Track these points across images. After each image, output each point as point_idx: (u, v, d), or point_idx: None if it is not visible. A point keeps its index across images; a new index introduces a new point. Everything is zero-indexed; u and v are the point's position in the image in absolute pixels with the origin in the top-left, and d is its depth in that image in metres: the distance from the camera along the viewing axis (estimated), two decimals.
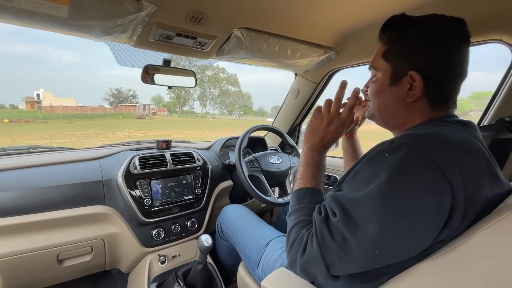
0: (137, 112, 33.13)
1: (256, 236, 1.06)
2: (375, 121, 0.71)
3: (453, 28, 0.56)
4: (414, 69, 0.56)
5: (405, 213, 0.45)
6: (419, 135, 0.52)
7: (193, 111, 50.32)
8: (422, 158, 0.46)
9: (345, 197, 0.52)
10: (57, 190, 0.96)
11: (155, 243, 1.15)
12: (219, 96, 50.11)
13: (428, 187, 0.45)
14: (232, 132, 19.38)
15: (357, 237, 0.48)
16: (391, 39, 0.62)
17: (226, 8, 0.85)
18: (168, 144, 1.27)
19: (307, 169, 0.70)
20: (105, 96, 42.20)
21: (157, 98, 48.23)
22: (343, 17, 0.99)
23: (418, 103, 0.59)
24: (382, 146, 0.54)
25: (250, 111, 53.50)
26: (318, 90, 1.47)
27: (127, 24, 0.78)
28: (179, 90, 47.29)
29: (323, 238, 0.52)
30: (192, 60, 42.50)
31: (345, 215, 0.50)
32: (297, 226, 0.61)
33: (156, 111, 41.26)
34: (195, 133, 17.55)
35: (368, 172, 0.52)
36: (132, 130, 17.09)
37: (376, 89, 0.65)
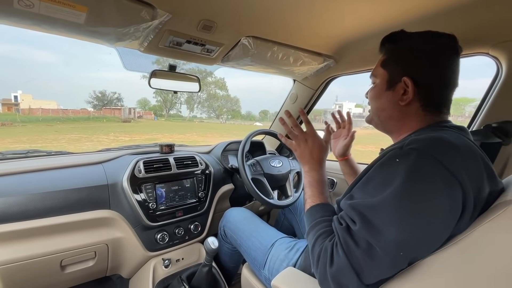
0: (122, 116, 32.34)
1: (260, 238, 1.08)
2: (374, 125, 0.76)
3: (443, 42, 0.63)
4: (407, 76, 0.63)
5: (423, 214, 0.49)
6: (426, 140, 0.56)
7: (180, 115, 49.72)
8: (432, 161, 0.51)
9: (362, 204, 0.55)
10: (61, 195, 0.95)
11: (159, 247, 1.15)
12: (207, 100, 49.86)
13: (441, 188, 0.49)
14: (220, 136, 19.33)
15: (380, 241, 0.51)
16: (389, 50, 0.70)
17: (236, 17, 0.89)
18: (171, 148, 1.28)
19: (313, 189, 0.76)
20: (89, 99, 41.03)
21: (143, 102, 47.36)
22: (343, 28, 1.05)
23: (412, 107, 0.65)
24: (392, 152, 0.57)
25: (238, 115, 53.51)
26: (315, 96, 1.53)
27: (141, 31, 0.80)
28: (166, 93, 46.65)
29: (348, 246, 0.54)
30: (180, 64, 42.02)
31: (365, 221, 0.52)
32: (319, 239, 0.63)
33: (142, 115, 40.46)
34: (183, 137, 17.35)
35: (381, 178, 0.55)
36: (117, 134, 16.67)
37: (374, 94, 0.72)
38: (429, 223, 0.49)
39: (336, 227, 0.59)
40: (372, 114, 0.74)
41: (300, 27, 1.01)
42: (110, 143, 12.15)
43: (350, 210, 0.57)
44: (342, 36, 1.12)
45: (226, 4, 0.80)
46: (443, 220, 0.50)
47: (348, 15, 0.93)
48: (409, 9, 0.89)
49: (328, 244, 0.59)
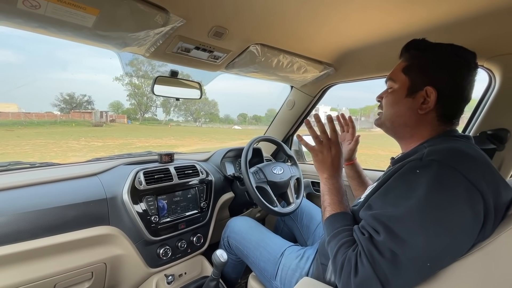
0: (93, 119, 30.58)
1: (269, 247, 1.06)
2: (384, 129, 0.78)
3: (468, 58, 0.66)
4: (431, 85, 0.65)
5: (447, 224, 0.51)
6: (445, 151, 0.58)
7: (156, 118, 48.14)
8: (453, 172, 0.53)
9: (385, 214, 0.56)
10: (57, 212, 0.86)
11: (161, 263, 1.09)
12: (184, 103, 48.83)
13: (463, 198, 0.50)
14: (199, 139, 18.99)
15: (406, 251, 0.52)
16: (413, 57, 0.70)
17: (247, 24, 0.87)
18: (171, 157, 1.23)
19: (332, 197, 0.76)
20: (55, 101, 38.32)
21: (115, 105, 45.20)
22: (345, 37, 1.07)
23: (428, 116, 0.67)
24: (411, 163, 0.58)
25: (216, 119, 53.00)
26: (313, 103, 1.55)
27: (152, 36, 0.75)
28: (140, 96, 45.00)
29: (373, 256, 0.54)
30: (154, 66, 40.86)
31: (390, 232, 0.53)
32: (341, 248, 0.62)
33: (115, 118, 38.57)
34: (160, 141, 16.80)
35: (402, 188, 0.56)
36: (89, 138, 15.73)
37: (392, 99, 0.73)
38: (453, 233, 0.51)
39: (359, 237, 0.59)
40: (384, 118, 0.75)
41: (305, 35, 1.02)
42: (81, 149, 11.41)
43: (372, 221, 0.58)
44: (343, 45, 1.14)
45: (240, 11, 0.79)
46: (466, 229, 0.51)
47: (351, 24, 0.95)
48: (411, 23, 0.93)
49: (351, 254, 0.59)
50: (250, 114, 72.13)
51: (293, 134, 1.76)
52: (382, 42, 1.06)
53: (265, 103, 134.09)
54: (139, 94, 44.78)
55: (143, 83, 44.24)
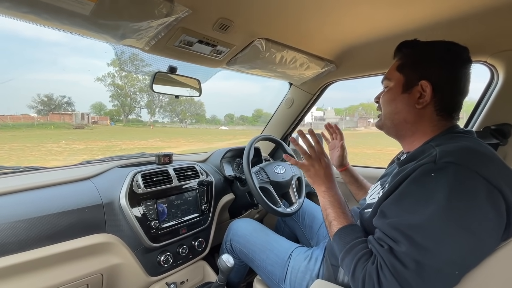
0: (74, 122, 29.42)
1: (275, 250, 1.03)
2: (385, 131, 0.77)
3: (460, 51, 0.66)
4: (425, 79, 0.65)
5: (472, 228, 0.49)
6: (457, 151, 0.56)
7: (140, 120, 47.01)
8: (471, 174, 0.51)
9: (404, 223, 0.53)
10: (48, 221, 0.79)
11: (162, 270, 1.02)
12: (169, 103, 48.01)
13: (484, 200, 0.49)
14: (186, 141, 18.72)
15: (432, 260, 0.49)
16: (406, 55, 0.71)
17: (254, 17, 0.83)
18: (170, 158, 1.16)
19: (335, 209, 0.75)
20: (32, 103, 36.59)
21: (98, 106, 43.76)
22: (348, 32, 1.06)
23: (427, 111, 0.67)
24: (425, 166, 0.55)
25: (203, 119, 52.46)
26: (312, 100, 1.53)
27: (154, 27, 0.70)
28: (123, 97, 43.78)
29: (396, 269, 0.51)
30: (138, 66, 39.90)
31: (412, 241, 0.51)
32: (359, 263, 0.59)
33: (97, 120, 37.31)
34: (146, 143, 16.39)
35: (418, 194, 0.54)
36: (69, 141, 15.09)
37: (389, 97, 0.73)
38: (479, 237, 0.49)
39: (378, 250, 0.57)
40: (384, 118, 0.75)
41: (309, 30, 0.99)
42: (62, 152, 10.91)
43: (390, 230, 0.55)
44: (346, 41, 1.13)
45: (248, 2, 0.75)
46: (491, 231, 0.50)
47: (357, 19, 0.94)
48: (416, 18, 0.92)
49: (371, 268, 0.56)
50: (237, 114, 72.00)
51: (291, 133, 1.73)
52: (386, 37, 1.05)
53: (252, 103, 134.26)
54: (123, 95, 43.59)
55: (127, 84, 43.10)
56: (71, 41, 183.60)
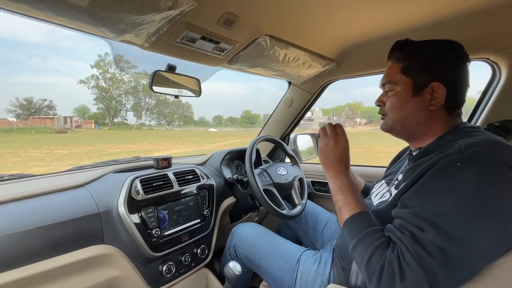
0: (56, 126, 28.35)
1: (283, 254, 0.99)
2: (394, 133, 0.75)
3: (459, 49, 0.67)
4: (435, 81, 0.64)
5: (499, 217, 0.48)
6: (482, 142, 0.55)
7: (126, 123, 45.91)
8: (498, 163, 0.51)
9: (429, 211, 0.52)
10: (39, 233, 0.71)
11: (164, 281, 0.97)
12: (156, 106, 47.20)
13: (510, 187, 0.49)
14: (175, 143, 18.41)
15: (458, 249, 0.48)
16: (408, 56, 0.70)
17: (259, 13, 0.80)
18: (169, 162, 1.10)
19: (346, 195, 0.71)
20: (10, 107, 35.02)
21: (81, 109, 42.37)
22: (351, 30, 1.04)
23: (438, 112, 0.67)
24: (449, 157, 0.55)
25: (191, 121, 51.85)
26: (312, 100, 1.50)
27: (157, 21, 0.65)
28: (108, 100, 42.65)
29: (420, 256, 0.49)
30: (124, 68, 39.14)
31: (438, 229, 0.49)
32: (376, 252, 0.56)
33: (81, 124, 36.13)
34: (133, 146, 15.99)
35: (443, 184, 0.53)
36: (52, 146, 14.49)
37: (399, 101, 0.70)
38: (505, 225, 0.49)
39: (399, 237, 0.54)
40: (393, 122, 0.73)
41: (313, 27, 0.97)
42: (44, 158, 10.45)
43: (414, 218, 0.53)
44: (348, 39, 1.11)
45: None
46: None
47: (361, 15, 0.92)
48: (421, 14, 0.91)
49: (392, 256, 0.53)
50: (226, 116, 71.74)
51: (290, 133, 1.70)
52: (389, 35, 1.04)
53: (241, 105, 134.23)
54: (107, 97, 42.46)
55: (111, 86, 42.02)
56: (53, 41, 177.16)
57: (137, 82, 41.91)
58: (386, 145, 13.77)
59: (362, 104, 62.77)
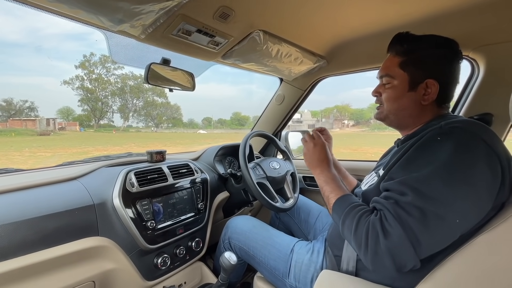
0: (38, 128, 27.32)
1: (277, 245, 1.01)
2: (387, 122, 0.81)
3: (453, 46, 0.72)
4: (430, 78, 0.69)
5: (471, 182, 0.54)
6: (464, 121, 0.62)
7: (113, 125, 44.85)
8: (474, 136, 0.57)
9: (411, 178, 0.57)
10: (32, 225, 0.71)
11: (159, 274, 0.97)
12: (144, 107, 46.38)
13: (483, 159, 0.55)
14: (163, 146, 18.11)
15: (434, 208, 0.54)
16: (407, 51, 0.73)
17: (254, 8, 0.82)
18: (163, 155, 1.11)
19: (331, 185, 0.80)
20: None
21: (65, 111, 41.03)
22: (341, 27, 1.08)
23: (429, 105, 0.72)
24: (431, 132, 0.62)
25: (180, 123, 51.23)
26: (303, 97, 1.54)
27: (155, 12, 0.66)
28: (94, 101, 41.56)
29: (400, 217, 0.55)
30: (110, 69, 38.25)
31: (417, 192, 0.55)
32: (361, 219, 0.62)
33: (65, 126, 34.96)
34: (120, 148, 15.63)
35: (425, 155, 0.59)
36: (34, 149, 13.95)
37: (395, 94, 0.75)
38: (477, 190, 0.54)
39: (383, 203, 0.60)
40: (387, 112, 0.78)
41: (305, 24, 1.00)
42: (26, 161, 10.05)
43: (398, 186, 0.59)
44: (338, 36, 1.15)
45: None
46: (487, 187, 0.55)
47: (351, 13, 0.96)
48: (407, 13, 0.96)
49: (374, 219, 0.59)
50: (215, 118, 71.35)
51: (282, 130, 1.73)
52: (377, 33, 1.09)
53: (230, 106, 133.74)
54: (93, 99, 41.37)
55: (97, 87, 40.98)
56: (35, 41, 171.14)
57: (124, 83, 41.09)
58: (373, 146, 14.10)
59: (350, 106, 64.09)
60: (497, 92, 0.99)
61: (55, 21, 43.54)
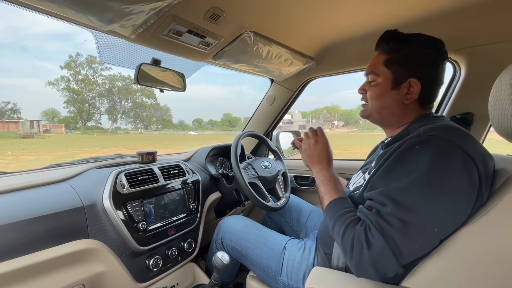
0: (21, 130, 26.40)
1: (269, 243, 1.02)
2: (371, 120, 0.82)
3: (440, 46, 0.73)
4: (413, 77, 0.70)
5: (449, 191, 0.54)
6: (439, 127, 0.62)
7: (101, 127, 43.83)
8: (451, 145, 0.57)
9: (390, 189, 0.58)
10: (20, 228, 0.69)
11: (151, 275, 0.96)
12: (133, 109, 45.58)
13: (461, 167, 0.55)
14: (153, 147, 17.84)
15: (414, 219, 0.54)
16: (392, 50, 0.75)
17: (244, 9, 0.83)
18: (154, 156, 1.10)
19: (327, 186, 0.79)
20: None
21: (50, 113, 39.78)
22: (330, 29, 1.11)
23: (412, 104, 0.73)
24: (410, 140, 0.61)
25: (170, 125, 50.61)
26: (293, 97, 1.56)
27: (146, 12, 0.66)
28: (80, 103, 40.54)
29: (382, 228, 0.56)
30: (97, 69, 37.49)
31: (396, 203, 0.56)
32: (348, 228, 0.63)
33: (50, 128, 33.91)
34: (109, 151, 15.29)
35: (404, 164, 0.59)
36: (17, 152, 13.47)
37: (378, 93, 0.77)
38: (455, 197, 0.55)
39: (366, 214, 0.61)
40: (371, 110, 0.79)
41: (295, 26, 1.02)
42: (8, 164, 9.69)
43: (379, 196, 0.60)
44: (327, 37, 1.18)
45: None
46: (465, 194, 0.56)
47: (340, 15, 0.99)
48: (393, 16, 1.00)
49: (360, 230, 0.60)
50: (206, 119, 70.93)
51: (273, 130, 1.75)
52: (365, 34, 1.12)
53: (221, 108, 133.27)
54: (79, 100, 40.34)
55: (84, 88, 40.01)
56: (17, 40, 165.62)
57: (112, 84, 40.29)
58: (362, 146, 14.34)
59: (339, 107, 64.92)
60: (478, 93, 1.04)
61: (38, 20, 41.31)
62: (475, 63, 1.03)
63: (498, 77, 0.58)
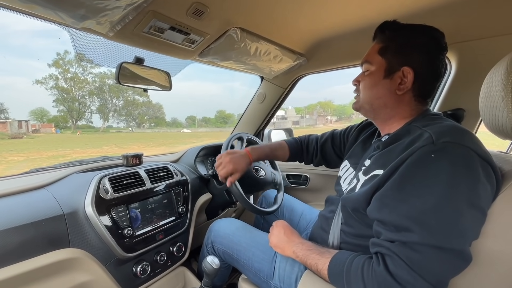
0: (9, 131, 25.74)
1: (261, 246, 1.00)
2: (362, 112, 0.78)
3: (439, 37, 0.69)
4: (407, 66, 0.66)
5: (477, 202, 0.51)
6: (449, 131, 0.57)
7: (92, 126, 43.06)
8: (468, 152, 0.52)
9: (414, 209, 0.52)
10: None
11: (139, 282, 0.93)
12: (124, 107, 44.90)
13: (481, 174, 0.51)
14: (146, 146, 17.67)
15: (449, 242, 0.49)
16: (388, 38, 0.71)
17: (229, 4, 0.80)
18: (140, 159, 1.06)
19: (313, 255, 0.72)
20: None
21: (39, 112, 38.87)
22: (320, 25, 1.08)
23: (406, 97, 0.69)
24: (423, 148, 0.55)
25: (163, 123, 50.09)
26: (284, 95, 1.53)
27: (122, 8, 0.61)
28: (70, 102, 39.72)
29: (413, 261, 0.50)
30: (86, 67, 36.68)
31: (427, 227, 0.50)
32: (364, 274, 0.56)
33: (39, 128, 33.15)
34: (101, 150, 15.05)
35: (422, 176, 0.53)
36: (5, 153, 13.13)
37: (370, 82, 0.72)
38: (483, 210, 0.52)
39: (389, 247, 0.54)
40: (363, 102, 0.75)
41: (283, 22, 0.99)
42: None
43: (400, 219, 0.53)
44: (317, 34, 1.15)
45: None
46: (488, 202, 0.53)
47: (330, 11, 0.96)
48: (383, 12, 0.97)
49: (382, 272, 0.53)
50: (199, 116, 70.39)
51: (264, 128, 1.72)
52: (355, 30, 1.09)
53: (214, 104, 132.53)
54: (69, 99, 39.54)
55: (73, 87, 39.17)
56: (1, 38, 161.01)
57: (103, 82, 39.58)
58: None
59: (332, 102, 65.20)
60: (468, 88, 1.03)
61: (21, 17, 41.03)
62: (466, 58, 1.01)
63: (489, 73, 0.56)
